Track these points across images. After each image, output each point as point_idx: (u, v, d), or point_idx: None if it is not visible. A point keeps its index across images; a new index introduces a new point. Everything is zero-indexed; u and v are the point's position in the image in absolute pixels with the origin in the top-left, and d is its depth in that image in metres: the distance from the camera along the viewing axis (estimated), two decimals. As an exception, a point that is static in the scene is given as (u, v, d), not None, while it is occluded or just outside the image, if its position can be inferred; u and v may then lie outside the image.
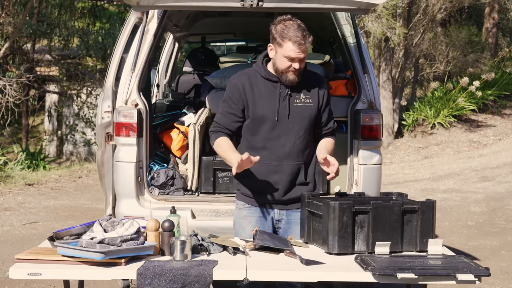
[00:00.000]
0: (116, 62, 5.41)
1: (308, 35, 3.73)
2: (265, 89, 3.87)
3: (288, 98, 3.85)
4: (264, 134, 3.87)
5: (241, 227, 3.97)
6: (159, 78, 8.19)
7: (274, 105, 3.84)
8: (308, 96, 3.90)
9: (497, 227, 8.32)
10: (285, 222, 3.95)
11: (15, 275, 3.18)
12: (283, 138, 3.86)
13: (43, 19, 15.88)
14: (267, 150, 3.87)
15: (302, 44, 3.69)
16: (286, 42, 3.71)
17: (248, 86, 3.87)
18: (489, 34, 19.36)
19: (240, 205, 4.02)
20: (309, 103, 3.89)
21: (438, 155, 14.03)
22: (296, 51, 3.70)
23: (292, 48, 3.70)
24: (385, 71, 15.14)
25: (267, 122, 3.85)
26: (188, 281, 3.12)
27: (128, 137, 5.02)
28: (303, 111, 3.88)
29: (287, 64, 3.75)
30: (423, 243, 3.58)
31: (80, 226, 3.55)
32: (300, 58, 3.74)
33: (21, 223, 8.34)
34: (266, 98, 3.85)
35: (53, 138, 17.91)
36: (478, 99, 15.42)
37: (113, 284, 5.73)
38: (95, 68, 18.01)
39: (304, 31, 3.72)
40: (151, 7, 4.72)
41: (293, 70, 3.76)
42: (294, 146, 3.87)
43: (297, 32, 3.70)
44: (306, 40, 3.71)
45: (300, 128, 3.88)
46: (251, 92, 3.87)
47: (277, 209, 3.95)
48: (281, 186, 3.89)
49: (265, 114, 3.85)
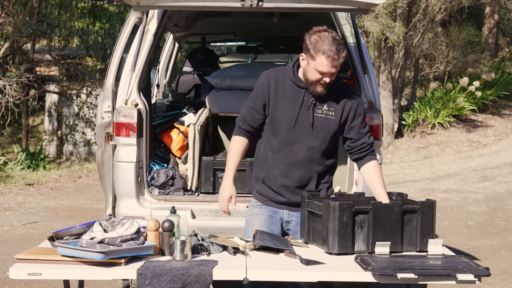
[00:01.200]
0: (116, 62, 5.41)
1: (342, 50, 3.65)
2: (289, 92, 3.82)
3: (311, 107, 3.79)
4: (281, 137, 3.84)
5: (250, 225, 3.98)
6: (159, 78, 8.19)
7: (294, 110, 3.79)
8: (332, 109, 3.82)
9: (497, 227, 8.32)
10: (294, 224, 3.94)
11: (15, 275, 3.18)
12: (296, 145, 3.83)
13: (43, 19, 15.88)
14: (281, 153, 3.85)
15: (336, 60, 3.62)
16: (320, 56, 3.63)
17: (273, 85, 3.83)
18: (489, 34, 19.36)
19: (253, 203, 4.03)
20: (330, 116, 3.82)
21: (438, 155, 14.03)
22: (329, 66, 3.63)
23: (325, 63, 3.62)
24: (385, 71, 15.14)
25: (284, 125, 3.82)
26: (188, 281, 3.12)
27: (128, 137, 5.03)
28: (323, 122, 3.81)
29: (318, 77, 3.69)
30: (423, 243, 3.58)
31: (80, 226, 3.55)
32: (332, 73, 3.68)
33: (21, 223, 8.34)
34: (289, 102, 3.81)
35: (53, 138, 17.91)
36: (478, 99, 15.43)
37: (113, 284, 5.73)
38: (95, 68, 18.01)
39: (338, 45, 3.63)
40: (151, 7, 4.72)
41: (323, 83, 3.71)
42: (307, 155, 3.83)
43: (332, 46, 3.61)
44: (340, 55, 3.63)
45: (316, 138, 3.82)
46: (275, 91, 3.82)
47: (286, 210, 3.94)
48: (288, 190, 3.88)
49: (283, 117, 3.81)
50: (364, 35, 13.63)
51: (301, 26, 7.90)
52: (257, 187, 3.99)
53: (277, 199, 3.92)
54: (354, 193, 4.58)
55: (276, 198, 3.92)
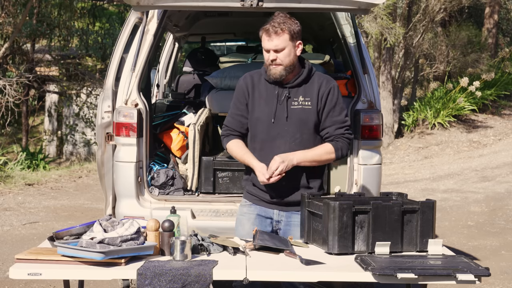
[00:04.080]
0: (116, 62, 5.41)
1: (281, 24, 3.69)
2: (264, 90, 3.87)
3: (286, 101, 3.82)
4: (261, 136, 3.87)
5: (240, 224, 3.99)
6: (159, 78, 8.19)
7: (271, 107, 3.83)
8: (308, 99, 3.84)
9: (497, 227, 8.32)
10: (284, 224, 3.93)
11: (15, 275, 3.18)
12: (278, 141, 3.84)
13: (43, 19, 15.88)
14: (263, 151, 3.86)
15: (270, 32, 3.69)
16: (261, 33, 3.76)
17: (250, 87, 3.90)
18: (489, 34, 19.37)
19: (243, 202, 4.04)
20: (307, 106, 3.84)
21: (438, 155, 14.04)
22: (267, 39, 3.71)
23: (264, 38, 3.73)
24: (385, 71, 15.14)
25: (263, 123, 3.85)
26: (188, 281, 3.12)
27: (128, 137, 5.03)
28: (300, 113, 3.83)
29: (266, 57, 3.76)
30: (423, 243, 3.58)
31: (80, 226, 3.55)
32: (274, 49, 3.72)
33: (21, 223, 8.34)
34: (264, 100, 3.86)
35: (53, 138, 17.91)
36: (478, 99, 15.43)
37: (113, 284, 5.73)
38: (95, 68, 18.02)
39: (279, 21, 3.70)
40: (151, 7, 4.72)
41: (270, 63, 3.75)
42: (289, 149, 3.82)
43: (271, 22, 3.71)
44: (274, 28, 3.69)
45: (296, 131, 3.83)
46: (252, 93, 3.89)
47: (276, 210, 3.94)
48: (277, 188, 3.85)
49: (261, 115, 3.85)
50: (364, 35, 13.64)
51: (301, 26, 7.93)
52: (247, 188, 4.00)
53: (267, 199, 3.91)
54: (354, 193, 4.58)
55: (266, 198, 3.91)
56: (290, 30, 3.73)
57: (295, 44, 3.78)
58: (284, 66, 3.76)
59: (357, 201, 3.63)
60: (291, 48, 3.75)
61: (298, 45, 3.80)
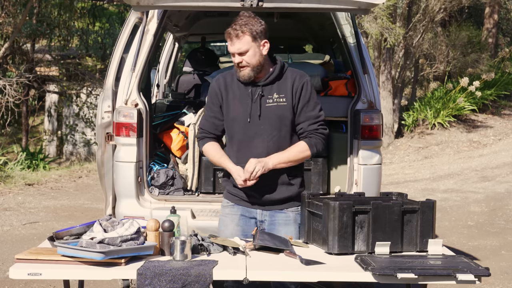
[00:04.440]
0: (116, 62, 5.41)
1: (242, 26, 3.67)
2: (238, 91, 3.85)
3: (259, 99, 3.80)
4: (237, 136, 3.85)
5: (223, 225, 3.97)
6: (159, 78, 8.19)
7: (246, 106, 3.81)
8: (282, 95, 3.82)
9: (497, 227, 8.32)
10: (268, 223, 3.90)
11: (15, 275, 3.18)
12: (255, 140, 3.81)
13: (43, 19, 15.88)
14: (241, 152, 3.84)
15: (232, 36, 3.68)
16: (225, 38, 3.75)
17: (223, 89, 3.88)
18: (489, 34, 19.37)
19: (224, 203, 4.01)
20: (282, 102, 3.81)
21: (438, 155, 14.03)
22: (229, 43, 3.71)
23: (228, 41, 3.73)
24: (385, 71, 15.14)
25: (239, 123, 3.82)
26: (188, 281, 3.12)
27: (128, 137, 5.03)
28: (276, 110, 3.80)
29: (234, 59, 3.76)
30: (423, 243, 3.58)
31: (80, 226, 3.55)
32: (237, 52, 3.71)
33: (21, 223, 8.34)
34: (239, 100, 3.83)
35: (53, 138, 17.91)
36: (478, 99, 15.43)
37: (113, 284, 5.73)
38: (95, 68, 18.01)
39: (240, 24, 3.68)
40: (151, 7, 4.72)
41: (239, 65, 3.75)
42: (267, 147, 3.80)
43: (233, 25, 3.69)
44: (233, 32, 3.68)
45: (273, 128, 3.81)
46: (226, 95, 3.87)
47: (259, 209, 3.91)
48: (258, 188, 3.81)
49: (236, 115, 3.82)
50: (364, 35, 13.64)
51: (301, 26, 7.93)
52: (227, 188, 3.97)
53: (249, 199, 3.88)
54: (354, 193, 4.58)
55: (249, 199, 3.88)
56: (252, 31, 3.69)
57: (259, 44, 3.73)
58: (251, 67, 3.74)
59: (357, 201, 3.63)
60: (255, 48, 3.72)
61: (263, 44, 3.76)
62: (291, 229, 3.89)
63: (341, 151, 5.36)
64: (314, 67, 5.80)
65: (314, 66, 5.84)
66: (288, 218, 3.90)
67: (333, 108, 5.40)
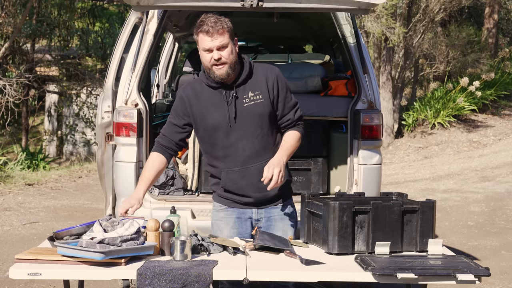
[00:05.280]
0: (116, 62, 5.41)
1: (219, 23, 3.62)
2: (211, 97, 3.75)
3: (235, 101, 3.72)
4: (221, 143, 3.77)
5: (219, 229, 3.91)
6: (159, 78, 8.19)
7: (223, 111, 3.73)
8: (257, 92, 3.75)
9: (497, 227, 8.32)
10: (265, 220, 3.87)
11: (15, 275, 3.18)
12: (241, 142, 3.75)
13: (43, 19, 15.88)
14: (228, 157, 3.77)
15: (210, 32, 3.60)
16: (198, 35, 3.64)
17: (193, 98, 3.78)
18: (489, 34, 19.37)
19: (217, 207, 3.94)
20: (259, 100, 3.75)
21: (438, 155, 14.04)
22: (208, 40, 3.60)
23: (204, 38, 3.61)
24: (385, 71, 15.14)
25: (221, 129, 3.74)
26: (188, 281, 3.12)
27: (128, 137, 5.03)
28: (254, 109, 3.74)
29: (207, 58, 3.64)
30: (423, 243, 3.58)
31: (80, 226, 3.54)
32: (217, 47, 3.62)
33: (21, 223, 8.34)
34: (214, 106, 3.74)
35: (53, 138, 17.92)
36: (478, 99, 15.43)
37: (113, 284, 5.73)
38: (95, 68, 18.02)
39: (217, 20, 3.62)
40: (151, 7, 4.72)
41: (215, 63, 3.64)
42: (254, 147, 3.76)
43: (208, 21, 3.62)
44: (214, 26, 3.60)
45: (256, 127, 3.76)
46: (197, 103, 3.77)
47: (254, 209, 3.87)
48: (252, 189, 3.79)
49: (216, 122, 3.74)
50: (364, 35, 13.64)
51: (301, 26, 7.94)
52: (218, 192, 3.90)
53: (243, 201, 3.84)
54: (354, 193, 4.58)
55: (242, 200, 3.84)
56: (229, 28, 3.66)
57: (234, 41, 3.71)
58: (229, 64, 3.66)
59: (357, 201, 3.63)
60: (232, 45, 3.68)
61: (236, 42, 3.73)
62: (288, 222, 3.88)
63: (341, 151, 5.37)
64: (314, 67, 5.80)
65: (314, 66, 5.84)
66: (284, 212, 3.88)
67: (333, 108, 5.41)
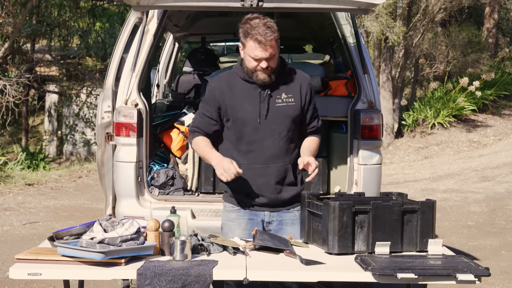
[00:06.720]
0: (116, 62, 5.41)
1: (271, 33, 3.62)
2: (244, 90, 3.79)
3: (268, 99, 3.77)
4: (247, 137, 3.80)
5: (230, 230, 3.91)
6: (159, 78, 8.19)
7: (255, 107, 3.76)
8: (290, 95, 3.81)
9: (497, 227, 8.32)
10: (276, 224, 3.90)
11: (15, 275, 3.18)
12: (267, 140, 3.79)
13: (43, 19, 15.88)
14: (252, 153, 3.81)
15: (263, 43, 3.60)
16: (249, 41, 3.63)
17: (226, 89, 3.81)
18: (489, 34, 19.37)
19: (228, 207, 3.95)
20: (291, 102, 3.81)
21: (438, 155, 14.04)
22: (260, 49, 3.62)
23: (255, 47, 3.61)
24: (385, 71, 15.14)
25: (249, 124, 3.78)
26: (188, 281, 3.12)
27: (128, 137, 5.03)
28: (285, 110, 3.79)
29: (254, 64, 3.67)
30: (423, 243, 3.58)
31: (80, 226, 3.55)
32: (266, 57, 3.64)
33: (21, 223, 8.34)
34: (247, 100, 3.78)
35: (53, 138, 17.92)
36: (478, 99, 15.44)
37: (113, 284, 5.73)
38: (95, 68, 18.01)
39: (268, 29, 3.61)
40: (151, 7, 4.72)
41: (261, 69, 3.68)
42: (278, 147, 3.80)
43: (259, 29, 3.60)
44: (267, 38, 3.60)
45: (284, 128, 3.80)
46: (230, 95, 3.80)
47: (267, 211, 3.89)
48: (269, 189, 3.83)
49: (246, 116, 3.77)
50: (364, 35, 13.63)
51: (301, 26, 7.93)
52: (230, 192, 3.91)
53: (258, 202, 3.86)
54: (354, 193, 4.58)
55: (257, 201, 3.85)
56: (277, 35, 3.68)
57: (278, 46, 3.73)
58: (273, 70, 3.72)
59: (357, 201, 3.63)
60: (277, 52, 3.72)
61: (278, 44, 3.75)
62: (297, 228, 3.89)
63: (341, 151, 5.36)
64: (314, 67, 5.80)
65: (314, 66, 5.84)
66: (295, 217, 3.90)
67: (333, 108, 5.41)
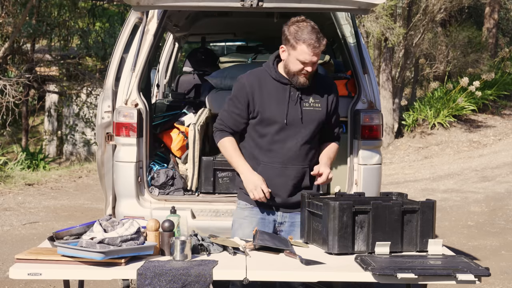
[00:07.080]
0: (116, 62, 5.41)
1: (322, 38, 3.69)
2: (274, 90, 3.82)
3: (298, 102, 3.81)
4: (271, 136, 3.84)
5: (240, 228, 3.94)
6: (159, 78, 8.19)
7: (283, 107, 3.80)
8: (317, 101, 3.86)
9: (497, 227, 8.32)
10: (288, 225, 3.93)
11: (15, 275, 3.18)
12: (289, 142, 3.83)
13: (43, 19, 15.88)
14: (272, 152, 3.84)
15: (317, 47, 3.66)
16: (300, 45, 3.67)
17: (256, 87, 3.83)
18: (489, 34, 19.36)
19: (242, 205, 3.98)
20: (318, 108, 3.86)
21: (438, 155, 14.04)
22: (310, 54, 3.66)
23: (306, 51, 3.66)
24: (385, 71, 15.14)
25: (275, 124, 3.82)
26: (188, 281, 3.12)
27: (128, 137, 5.03)
28: (312, 115, 3.85)
29: (300, 67, 3.72)
30: (423, 243, 3.58)
31: (80, 226, 3.55)
32: (313, 62, 3.71)
33: (21, 223, 8.34)
34: (276, 100, 3.81)
35: (53, 138, 17.92)
36: (478, 99, 15.44)
37: (113, 284, 5.73)
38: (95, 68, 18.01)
39: (318, 34, 3.67)
40: (151, 7, 4.72)
41: (305, 73, 3.73)
42: (300, 150, 3.84)
43: (312, 34, 3.66)
44: (320, 43, 3.67)
45: (308, 132, 3.85)
46: (259, 93, 3.82)
47: (280, 211, 3.92)
48: (285, 189, 3.86)
49: (273, 116, 3.81)
50: (364, 35, 13.63)
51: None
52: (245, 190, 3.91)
53: (272, 202, 3.88)
54: (354, 193, 4.58)
55: (271, 201, 3.87)
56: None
57: None
58: (311, 74, 3.78)
59: (357, 201, 3.63)
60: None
61: None
62: None
63: (341, 151, 5.36)
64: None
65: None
66: None
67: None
